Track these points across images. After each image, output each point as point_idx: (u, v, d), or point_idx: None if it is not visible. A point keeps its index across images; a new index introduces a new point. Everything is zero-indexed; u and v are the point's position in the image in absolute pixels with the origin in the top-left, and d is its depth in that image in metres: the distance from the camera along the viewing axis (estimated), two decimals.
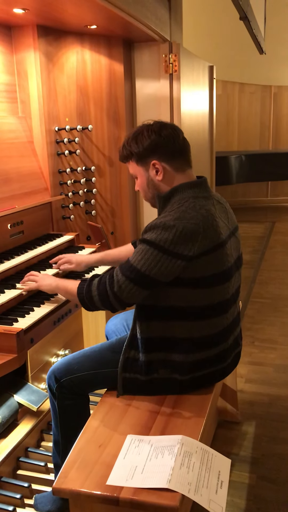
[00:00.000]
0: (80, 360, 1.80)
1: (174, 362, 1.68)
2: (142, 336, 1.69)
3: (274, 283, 4.67)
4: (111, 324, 2.24)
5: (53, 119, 2.67)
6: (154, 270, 1.54)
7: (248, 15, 3.51)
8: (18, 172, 2.42)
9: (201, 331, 1.66)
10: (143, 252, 1.56)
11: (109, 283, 1.61)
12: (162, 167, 1.67)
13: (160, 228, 1.55)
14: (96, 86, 2.87)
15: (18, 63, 2.56)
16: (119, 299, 1.61)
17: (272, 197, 8.42)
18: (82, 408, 1.83)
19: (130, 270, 1.58)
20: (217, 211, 1.67)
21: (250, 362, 3.13)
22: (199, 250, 1.55)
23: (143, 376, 1.70)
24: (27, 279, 1.97)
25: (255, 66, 7.76)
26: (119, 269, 1.61)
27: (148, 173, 1.70)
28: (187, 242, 1.53)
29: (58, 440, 1.83)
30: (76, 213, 2.89)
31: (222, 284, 1.65)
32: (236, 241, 1.77)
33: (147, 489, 1.31)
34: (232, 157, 6.61)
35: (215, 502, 1.31)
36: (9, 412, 2.08)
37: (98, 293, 1.64)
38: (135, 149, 1.69)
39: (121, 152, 1.75)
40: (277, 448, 2.32)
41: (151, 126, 1.69)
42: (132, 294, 1.59)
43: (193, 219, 1.56)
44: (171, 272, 1.55)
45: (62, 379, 1.76)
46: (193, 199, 1.62)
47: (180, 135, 1.70)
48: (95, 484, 1.35)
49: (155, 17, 2.62)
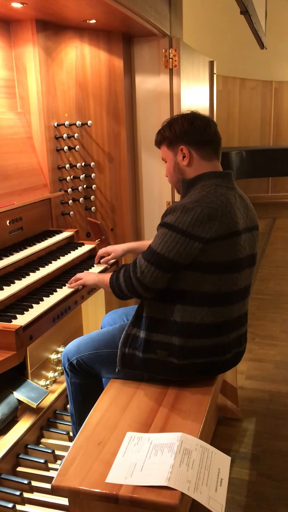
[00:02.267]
0: (87, 341, 1.92)
1: (172, 345, 1.70)
2: (146, 315, 1.73)
3: (274, 280, 4.66)
4: (108, 318, 2.26)
5: (52, 114, 2.65)
6: (173, 252, 1.59)
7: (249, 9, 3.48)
8: (17, 168, 2.41)
9: (204, 318, 1.68)
10: (162, 235, 1.62)
11: (133, 269, 1.68)
12: (189, 153, 1.74)
13: (179, 210, 1.60)
14: (96, 82, 2.85)
15: (17, 58, 2.54)
16: (143, 284, 1.65)
17: (273, 193, 8.40)
18: (91, 387, 1.94)
19: (151, 254, 1.63)
20: (237, 203, 1.71)
21: (251, 358, 3.12)
22: (215, 234, 1.59)
23: (141, 353, 1.73)
24: (74, 280, 2.06)
25: (256, 62, 7.72)
26: (141, 255, 1.68)
27: (176, 158, 1.78)
28: (205, 224, 1.58)
29: (73, 412, 2.00)
30: (75, 210, 2.88)
31: (231, 274, 1.68)
32: (252, 239, 1.79)
33: (146, 487, 1.30)
34: (232, 153, 6.58)
35: (214, 500, 1.30)
36: (8, 409, 2.07)
37: (124, 281, 1.71)
38: (167, 134, 1.78)
39: (156, 137, 1.85)
40: (277, 444, 2.32)
41: (186, 115, 1.78)
42: (155, 278, 1.63)
43: (212, 203, 1.61)
44: (190, 254, 1.60)
45: (72, 359, 1.90)
46: (215, 186, 1.68)
47: (212, 127, 1.78)
48: (94, 482, 1.34)
49: (155, 12, 2.60)
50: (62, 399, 2.41)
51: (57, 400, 2.37)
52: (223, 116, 7.69)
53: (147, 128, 3.04)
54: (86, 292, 2.18)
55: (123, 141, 2.95)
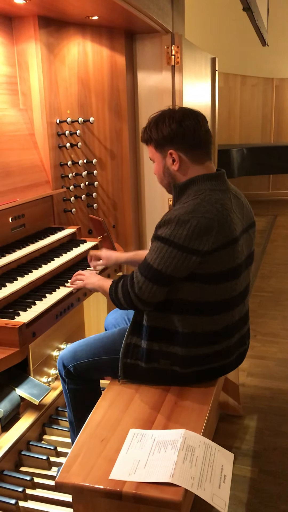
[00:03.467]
0: (84, 348, 1.87)
1: (175, 354, 1.68)
2: (147, 324, 1.70)
3: (275, 277, 4.66)
4: (111, 318, 2.25)
5: (55, 111, 2.65)
6: (170, 267, 1.55)
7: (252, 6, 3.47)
8: (19, 165, 2.40)
9: (205, 327, 1.66)
10: (158, 249, 1.56)
11: (130, 285, 1.63)
12: (179, 157, 1.65)
13: (174, 223, 1.53)
14: (98, 78, 2.85)
15: (19, 54, 2.53)
16: (142, 300, 1.62)
17: (274, 190, 8.39)
18: (90, 392, 1.91)
19: (148, 270, 1.58)
20: (233, 206, 1.65)
21: (252, 356, 3.13)
22: (213, 246, 1.54)
23: (144, 364, 1.71)
24: (75, 279, 2.00)
25: (257, 59, 7.70)
26: (138, 269, 1.63)
27: (165, 161, 1.68)
28: (202, 237, 1.52)
29: (72, 420, 1.95)
30: (77, 207, 2.87)
31: (230, 281, 1.64)
32: (249, 238, 1.75)
33: (150, 483, 1.31)
34: (233, 150, 6.58)
35: (218, 496, 1.31)
36: (11, 405, 2.07)
37: (122, 295, 1.67)
38: (154, 135, 1.67)
39: (142, 134, 1.73)
40: (278, 442, 2.32)
41: (174, 114, 1.65)
42: (153, 293, 1.60)
43: (208, 213, 1.54)
44: (187, 268, 1.55)
45: (69, 366, 1.85)
46: (209, 191, 1.60)
47: (203, 127, 1.66)
48: (98, 478, 1.35)
49: (158, 8, 2.59)
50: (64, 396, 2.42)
51: (59, 397, 2.37)
52: (224, 113, 7.68)
53: None
54: (88, 290, 2.17)
55: (125, 138, 2.95)
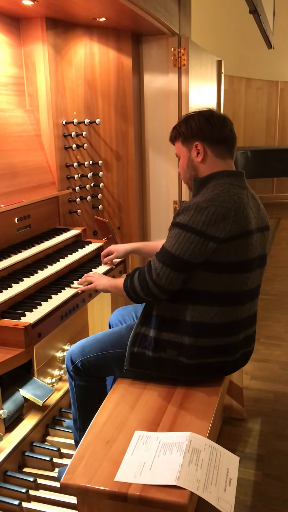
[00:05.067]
0: (92, 343, 1.89)
1: (182, 344, 1.70)
2: (156, 314, 1.72)
3: (279, 280, 4.65)
4: (117, 314, 2.25)
5: (61, 112, 2.65)
6: (187, 252, 1.58)
7: (258, 9, 3.47)
8: (25, 166, 2.41)
9: (214, 318, 1.67)
10: (176, 235, 1.60)
11: (148, 272, 1.67)
12: (204, 150, 1.73)
13: (193, 209, 1.59)
14: (104, 80, 2.85)
15: (26, 55, 2.54)
16: (159, 286, 1.64)
17: (278, 193, 8.37)
18: (97, 390, 1.92)
19: (166, 256, 1.62)
20: (250, 202, 1.70)
21: (256, 359, 3.12)
22: (229, 234, 1.58)
23: (151, 352, 1.73)
24: (84, 280, 2.03)
25: (262, 61, 7.71)
26: (155, 256, 1.66)
27: (190, 154, 1.76)
28: (219, 223, 1.57)
29: (76, 418, 1.95)
30: (83, 208, 2.87)
31: (242, 274, 1.67)
32: (264, 239, 1.78)
33: (155, 486, 1.30)
34: (238, 153, 6.57)
35: (223, 499, 1.30)
36: (14, 406, 2.07)
37: (139, 284, 1.69)
38: (183, 129, 1.76)
39: (171, 132, 1.83)
40: (282, 445, 2.31)
41: (203, 112, 1.77)
42: (171, 279, 1.62)
43: (225, 203, 1.59)
44: (204, 253, 1.59)
45: (76, 361, 1.87)
46: (228, 185, 1.66)
47: (229, 126, 1.77)
48: (103, 480, 1.34)
49: (164, 10, 2.60)
50: (67, 397, 2.41)
51: (63, 398, 2.37)
52: (228, 116, 7.63)
53: (155, 126, 3.04)
54: (93, 291, 2.18)
55: (131, 139, 2.95)
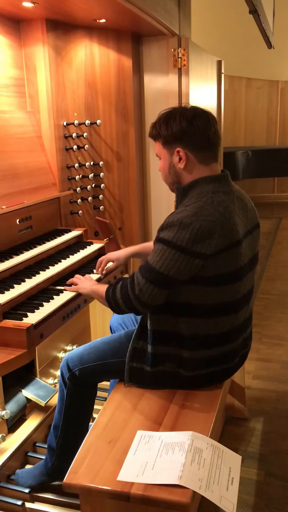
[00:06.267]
0: (91, 351, 1.85)
1: (180, 357, 1.68)
2: (151, 328, 1.69)
3: (281, 279, 4.66)
4: (118, 317, 2.24)
5: (62, 113, 2.66)
6: (173, 270, 1.53)
7: (258, 9, 3.47)
8: (26, 167, 2.41)
9: (209, 329, 1.65)
10: (160, 252, 1.55)
11: (131, 286, 1.62)
12: (186, 156, 1.64)
13: (177, 226, 1.52)
14: (105, 81, 2.86)
15: (27, 57, 2.55)
16: (141, 302, 1.60)
17: (279, 193, 8.37)
18: (88, 400, 1.90)
19: (150, 272, 1.57)
20: (236, 208, 1.64)
21: (258, 358, 3.12)
22: (215, 249, 1.53)
23: (150, 367, 1.71)
24: (70, 282, 2.00)
25: (262, 61, 7.70)
26: (139, 271, 1.61)
27: (172, 158, 1.67)
28: (204, 240, 1.51)
29: (59, 425, 1.89)
30: (84, 209, 2.88)
31: (233, 284, 1.64)
32: (253, 240, 1.74)
33: (158, 485, 1.31)
34: (238, 152, 6.57)
35: (226, 498, 1.31)
36: (17, 407, 2.08)
37: (121, 297, 1.65)
38: (163, 131, 1.65)
39: (151, 130, 1.72)
40: (285, 444, 2.31)
41: (185, 112, 1.64)
42: (154, 295, 1.58)
43: (210, 216, 1.53)
44: (189, 271, 1.54)
45: (74, 369, 1.82)
46: (212, 193, 1.59)
47: (213, 127, 1.65)
48: (106, 480, 1.35)
49: (164, 11, 2.60)
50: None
51: None
52: (229, 116, 7.68)
53: None
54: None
55: (132, 140, 2.95)
